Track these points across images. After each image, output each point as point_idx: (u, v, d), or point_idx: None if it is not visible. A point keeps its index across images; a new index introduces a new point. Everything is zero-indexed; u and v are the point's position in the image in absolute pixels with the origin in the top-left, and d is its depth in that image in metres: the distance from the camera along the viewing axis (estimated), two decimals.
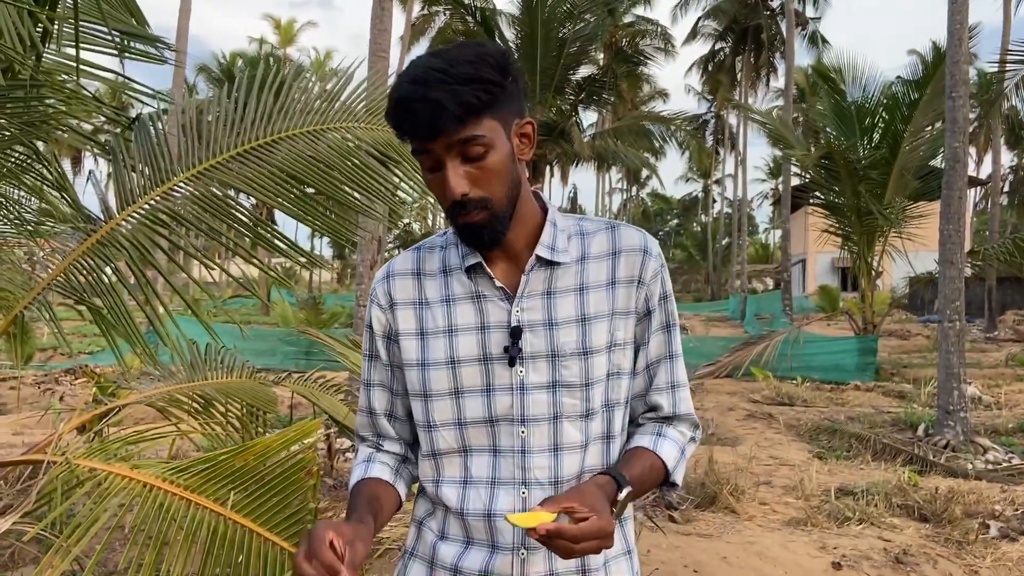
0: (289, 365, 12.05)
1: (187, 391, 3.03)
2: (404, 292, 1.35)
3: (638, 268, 1.30)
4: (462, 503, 1.29)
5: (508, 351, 1.26)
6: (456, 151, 1.17)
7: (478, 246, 1.26)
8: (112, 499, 2.22)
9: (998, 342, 19.78)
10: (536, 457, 1.26)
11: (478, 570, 1.27)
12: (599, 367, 1.28)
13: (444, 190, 1.19)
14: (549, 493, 1.26)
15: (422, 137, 1.18)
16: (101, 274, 2.78)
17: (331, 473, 5.67)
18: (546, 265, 1.29)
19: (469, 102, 1.14)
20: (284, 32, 44.90)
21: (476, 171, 1.18)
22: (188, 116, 3.06)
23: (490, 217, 1.21)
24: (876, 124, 13.11)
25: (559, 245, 1.30)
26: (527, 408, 1.26)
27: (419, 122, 1.15)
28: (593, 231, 1.33)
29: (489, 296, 1.29)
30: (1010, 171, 42.04)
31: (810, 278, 40.55)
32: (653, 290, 1.32)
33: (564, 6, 16.47)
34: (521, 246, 1.29)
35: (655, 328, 1.33)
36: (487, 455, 1.29)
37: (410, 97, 1.15)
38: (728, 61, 41.34)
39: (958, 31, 7.78)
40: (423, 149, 1.19)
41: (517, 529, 1.25)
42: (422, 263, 1.36)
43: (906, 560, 4.37)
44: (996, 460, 7.03)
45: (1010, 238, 10.35)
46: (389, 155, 3.21)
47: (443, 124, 1.14)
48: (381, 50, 7.82)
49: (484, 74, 1.15)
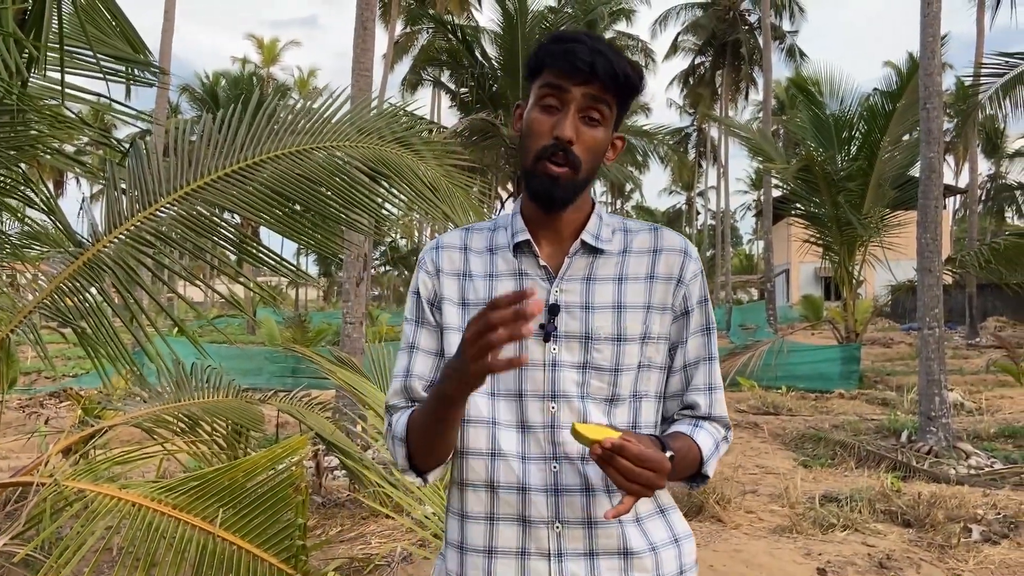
0: (275, 384, 12.02)
1: (173, 411, 3.05)
2: (450, 263, 1.39)
3: (678, 268, 1.35)
4: (493, 475, 1.31)
5: (544, 327, 1.30)
6: (584, 105, 1.26)
7: (547, 200, 1.30)
8: (100, 519, 2.23)
9: (980, 348, 19.98)
10: (566, 432, 1.27)
11: (514, 548, 1.29)
12: (630, 355, 1.31)
13: (554, 128, 1.26)
14: (578, 469, 1.28)
15: (571, 73, 1.25)
16: (87, 295, 2.81)
17: (320, 491, 5.67)
18: (589, 252, 1.35)
19: (628, 75, 1.26)
20: (267, 52, 44.96)
21: (586, 133, 1.27)
22: (173, 138, 3.10)
23: (570, 177, 1.27)
24: (854, 135, 13.30)
25: (603, 235, 1.36)
26: (558, 384, 1.29)
27: (580, 60, 1.23)
28: (636, 229, 1.39)
29: (531, 275, 1.34)
30: (988, 180, 42.59)
31: (794, 288, 40.85)
32: (692, 291, 1.36)
33: (544, 23, 16.63)
34: (569, 231, 1.35)
35: (694, 330, 1.37)
36: (515, 431, 1.31)
37: (584, 41, 1.25)
38: (708, 75, 41.79)
39: (930, 44, 7.93)
40: (559, 86, 1.26)
41: (550, 501, 1.27)
42: (470, 240, 1.41)
43: (890, 565, 4.42)
44: (978, 465, 7.12)
45: (987, 245, 10.51)
46: (378, 170, 3.26)
47: (600, 74, 1.23)
48: (364, 69, 7.87)
49: (639, 74, 1.29)
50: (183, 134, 3.11)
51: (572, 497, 1.28)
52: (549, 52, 1.27)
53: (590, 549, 1.28)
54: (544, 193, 1.29)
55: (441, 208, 3.22)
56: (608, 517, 1.14)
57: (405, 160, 3.28)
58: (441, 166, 3.42)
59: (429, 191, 3.25)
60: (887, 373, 14.68)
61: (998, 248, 9.74)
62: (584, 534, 1.28)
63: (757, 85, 40.89)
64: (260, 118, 3.15)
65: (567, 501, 1.28)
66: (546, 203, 1.30)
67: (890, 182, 12.95)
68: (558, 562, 1.28)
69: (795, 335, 17.66)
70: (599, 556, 1.28)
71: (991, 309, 29.13)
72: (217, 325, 30.59)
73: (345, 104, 3.45)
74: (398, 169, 3.22)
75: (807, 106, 13.54)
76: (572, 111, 1.25)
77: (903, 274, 12.26)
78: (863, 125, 13.12)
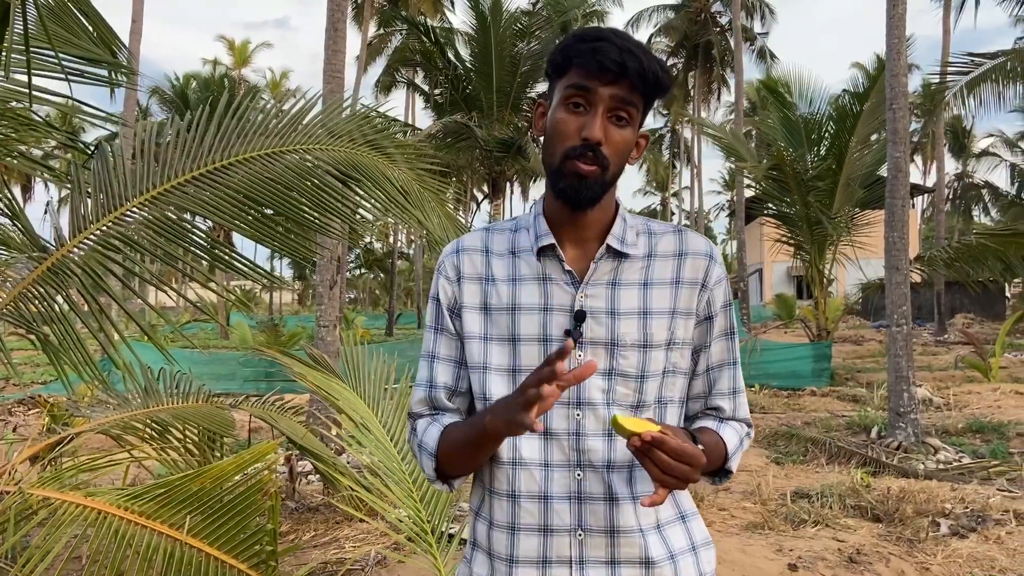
0: (249, 388, 11.92)
1: (142, 417, 3.02)
2: (472, 267, 1.37)
3: (703, 272, 1.35)
4: (513, 486, 1.31)
5: (569, 334, 1.29)
6: (612, 106, 1.24)
7: (575, 199, 1.28)
8: (67, 528, 2.21)
9: (948, 345, 20.30)
10: (591, 440, 1.28)
11: (535, 557, 1.29)
12: (656, 361, 1.31)
13: (581, 129, 1.24)
14: (603, 476, 1.28)
15: (599, 73, 1.23)
16: (52, 302, 2.77)
17: (293, 496, 5.63)
18: (614, 256, 1.33)
19: (657, 74, 1.24)
20: (239, 53, 44.56)
21: (614, 133, 1.25)
22: (142, 140, 3.06)
23: (598, 177, 1.26)
24: (823, 136, 13.49)
25: (628, 239, 1.34)
26: (583, 391, 1.28)
27: (610, 59, 1.21)
28: (661, 232, 1.38)
29: (556, 279, 1.32)
30: (955, 179, 43.32)
31: (767, 287, 41.23)
32: (716, 295, 1.36)
33: (517, 25, 16.67)
34: (594, 233, 1.33)
35: (717, 334, 1.37)
36: (537, 438, 1.30)
37: (612, 40, 1.23)
38: (681, 76, 42.05)
39: (896, 45, 8.05)
40: (586, 86, 1.24)
41: (573, 509, 1.27)
42: (491, 242, 1.39)
43: (859, 560, 4.48)
44: (947, 460, 7.23)
45: (954, 243, 10.69)
46: (351, 175, 3.24)
47: (629, 74, 1.22)
48: (336, 71, 7.84)
49: (668, 74, 1.28)
50: (151, 136, 3.08)
51: (595, 505, 1.28)
52: (577, 51, 1.25)
53: (612, 557, 1.28)
54: (572, 192, 1.27)
55: (413, 213, 3.22)
56: (643, 504, 1.15)
57: (376, 164, 3.27)
58: (412, 169, 3.42)
59: (401, 195, 3.25)
60: (858, 370, 14.87)
61: (964, 247, 9.91)
62: (606, 542, 1.28)
63: (729, 86, 41.26)
64: (229, 120, 3.12)
65: (590, 509, 1.28)
66: (574, 202, 1.28)
67: (859, 182, 13.14)
68: (580, 570, 1.28)
69: (768, 334, 17.85)
70: (620, 565, 1.29)
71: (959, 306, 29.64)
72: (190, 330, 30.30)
73: (315, 106, 3.43)
74: (369, 173, 3.21)
75: (777, 107, 13.71)
76: (600, 112, 1.24)
77: (873, 272, 12.43)
78: (832, 125, 13.31)
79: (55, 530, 2.18)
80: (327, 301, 7.45)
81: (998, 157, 40.38)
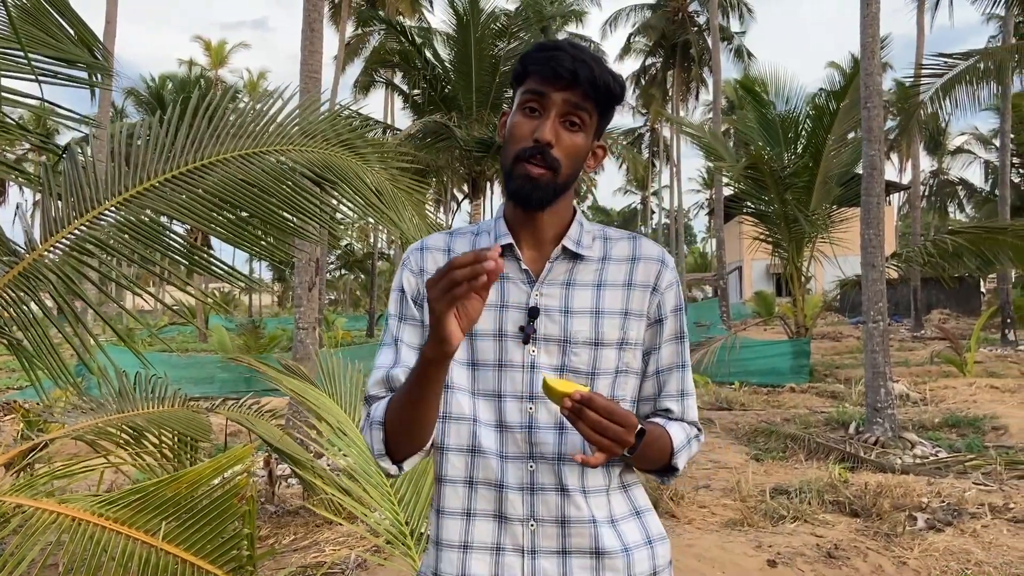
0: (228, 392, 11.83)
1: (117, 422, 2.99)
2: (434, 264, 1.41)
3: (655, 276, 1.39)
4: (472, 472, 1.34)
5: (523, 330, 1.33)
6: (564, 111, 1.30)
7: (522, 200, 1.33)
8: (40, 535, 2.18)
9: (924, 340, 20.53)
10: (543, 433, 1.32)
11: (489, 544, 1.32)
12: (608, 360, 1.35)
13: (533, 131, 1.29)
14: (554, 468, 1.32)
15: (552, 79, 1.28)
16: (24, 307, 2.74)
17: (272, 499, 5.60)
18: (570, 258, 1.38)
19: (608, 84, 1.30)
20: (215, 54, 44.22)
21: (565, 137, 1.31)
22: (117, 141, 3.03)
23: (549, 179, 1.30)
24: (800, 134, 13.59)
25: (584, 242, 1.39)
26: (536, 386, 1.32)
27: (564, 67, 1.28)
28: (616, 238, 1.44)
29: (512, 278, 1.37)
30: (931, 176, 43.81)
31: (747, 285, 41.51)
32: (667, 299, 1.40)
33: (496, 25, 16.65)
34: (550, 236, 1.38)
35: (667, 337, 1.41)
36: (494, 430, 1.34)
37: (567, 50, 1.30)
38: (660, 76, 42.26)
39: (870, 44, 8.13)
40: (540, 91, 1.30)
41: (525, 500, 1.30)
42: (453, 244, 1.44)
43: (837, 555, 4.52)
44: (923, 454, 7.32)
45: (929, 240, 10.81)
46: (325, 176, 3.23)
47: (581, 81, 1.28)
48: (312, 71, 7.79)
49: (620, 85, 1.33)
50: (123, 138, 3.05)
51: (547, 496, 1.32)
52: (533, 59, 1.31)
53: (563, 548, 1.31)
54: (522, 193, 1.31)
55: (387, 214, 3.21)
56: (576, 459, 1.19)
57: (350, 164, 3.26)
58: (387, 170, 3.41)
59: (374, 196, 3.23)
60: (836, 366, 15.00)
61: (939, 245, 10.03)
62: (558, 532, 1.31)
63: (707, 85, 41.48)
64: (201, 120, 3.10)
65: (542, 500, 1.32)
66: (524, 203, 1.33)
67: (836, 179, 13.26)
68: (531, 559, 1.31)
69: (748, 331, 17.96)
70: (571, 555, 1.31)
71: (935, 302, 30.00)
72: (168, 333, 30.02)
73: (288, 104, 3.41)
74: (343, 174, 3.19)
75: (754, 106, 13.80)
76: (553, 115, 1.29)
77: (851, 269, 12.54)
78: (809, 124, 13.42)
79: (29, 537, 2.15)
80: (306, 303, 7.40)
81: (973, 154, 40.93)
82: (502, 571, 1.30)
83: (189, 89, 31.70)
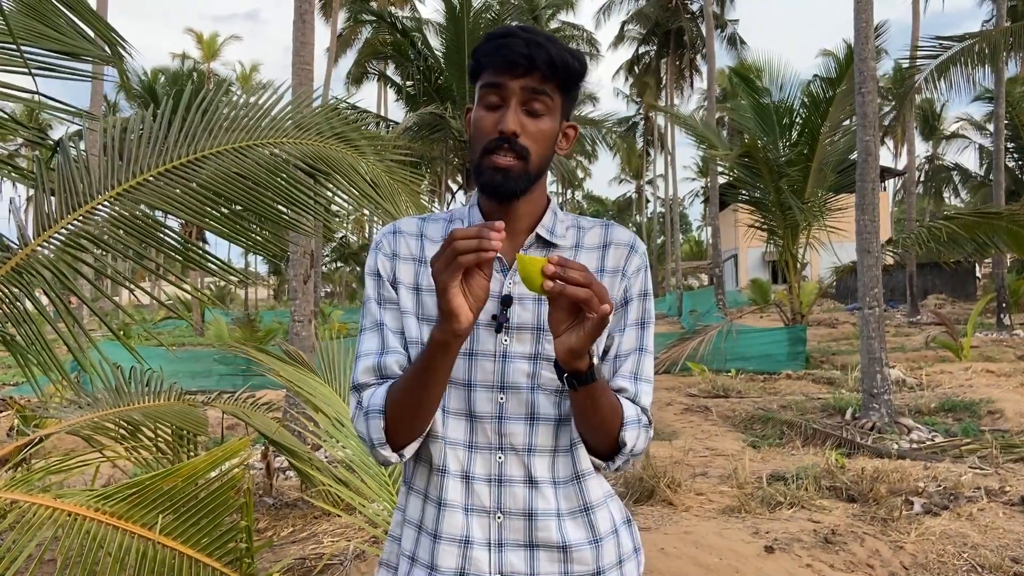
0: (226, 385, 11.83)
1: (113, 417, 2.98)
2: (407, 249, 1.40)
3: (623, 260, 1.39)
4: (442, 462, 1.32)
5: (496, 318, 1.31)
6: (525, 98, 1.28)
7: (495, 192, 1.30)
8: (37, 530, 2.18)
9: (920, 325, 20.59)
10: (512, 423, 1.31)
11: (458, 535, 1.30)
12: None
13: (497, 124, 1.27)
14: (524, 460, 1.31)
15: (508, 69, 1.26)
16: (18, 302, 2.72)
17: (270, 492, 5.60)
18: (544, 246, 1.37)
19: (567, 62, 1.28)
20: (207, 47, 44.01)
21: (530, 124, 1.28)
22: (110, 136, 3.01)
23: (520, 169, 1.28)
24: (794, 121, 13.58)
25: (557, 230, 1.39)
26: (508, 375, 1.31)
27: (517, 54, 1.25)
28: (589, 227, 1.43)
29: None
30: (925, 161, 43.84)
31: (743, 272, 41.57)
32: (633, 283, 1.39)
33: (488, 15, 16.59)
34: (524, 225, 1.37)
35: (630, 321, 1.39)
36: (463, 420, 1.32)
37: (518, 35, 1.27)
38: (653, 64, 42.15)
39: (864, 29, 8.12)
40: (498, 83, 1.27)
41: (493, 492, 1.29)
42: (426, 229, 1.42)
43: (835, 540, 4.54)
44: (919, 439, 7.35)
45: (925, 226, 10.83)
46: (320, 168, 3.21)
47: (538, 64, 1.25)
48: (304, 63, 7.76)
49: (580, 61, 1.31)
50: (116, 132, 3.03)
51: (514, 488, 1.30)
52: (485, 51, 1.29)
53: (530, 541, 1.30)
54: (494, 186, 1.29)
55: (383, 206, 3.20)
56: (551, 261, 1.11)
57: (345, 156, 3.25)
58: (382, 162, 3.39)
59: (371, 188, 3.22)
60: (832, 353, 15.04)
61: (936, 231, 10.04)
62: (524, 526, 1.30)
63: (701, 73, 41.43)
64: (194, 113, 3.08)
65: (509, 492, 1.30)
66: (498, 196, 1.31)
67: (831, 167, 13.26)
68: (498, 552, 1.30)
69: (744, 318, 18.01)
70: (538, 548, 1.30)
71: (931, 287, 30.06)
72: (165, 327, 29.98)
73: (283, 98, 3.39)
74: (338, 166, 3.18)
75: (748, 94, 13.78)
76: (514, 104, 1.27)
77: (847, 256, 12.54)
78: (803, 111, 13.41)
79: (25, 533, 2.15)
80: (301, 296, 7.39)
81: (967, 139, 40.91)
82: (468, 565, 1.29)
83: (182, 82, 31.58)
